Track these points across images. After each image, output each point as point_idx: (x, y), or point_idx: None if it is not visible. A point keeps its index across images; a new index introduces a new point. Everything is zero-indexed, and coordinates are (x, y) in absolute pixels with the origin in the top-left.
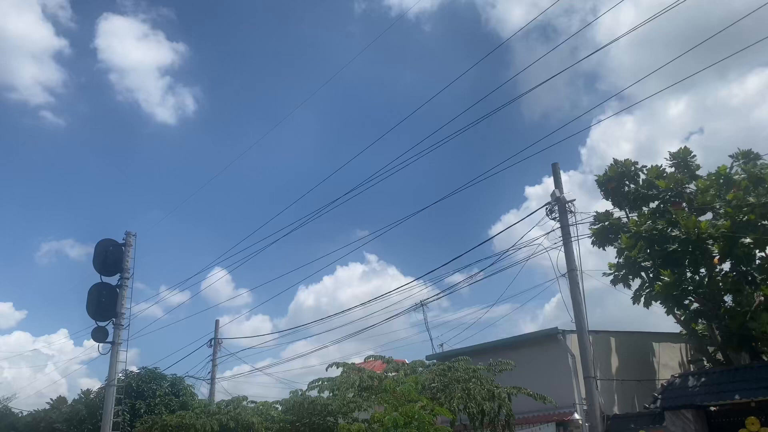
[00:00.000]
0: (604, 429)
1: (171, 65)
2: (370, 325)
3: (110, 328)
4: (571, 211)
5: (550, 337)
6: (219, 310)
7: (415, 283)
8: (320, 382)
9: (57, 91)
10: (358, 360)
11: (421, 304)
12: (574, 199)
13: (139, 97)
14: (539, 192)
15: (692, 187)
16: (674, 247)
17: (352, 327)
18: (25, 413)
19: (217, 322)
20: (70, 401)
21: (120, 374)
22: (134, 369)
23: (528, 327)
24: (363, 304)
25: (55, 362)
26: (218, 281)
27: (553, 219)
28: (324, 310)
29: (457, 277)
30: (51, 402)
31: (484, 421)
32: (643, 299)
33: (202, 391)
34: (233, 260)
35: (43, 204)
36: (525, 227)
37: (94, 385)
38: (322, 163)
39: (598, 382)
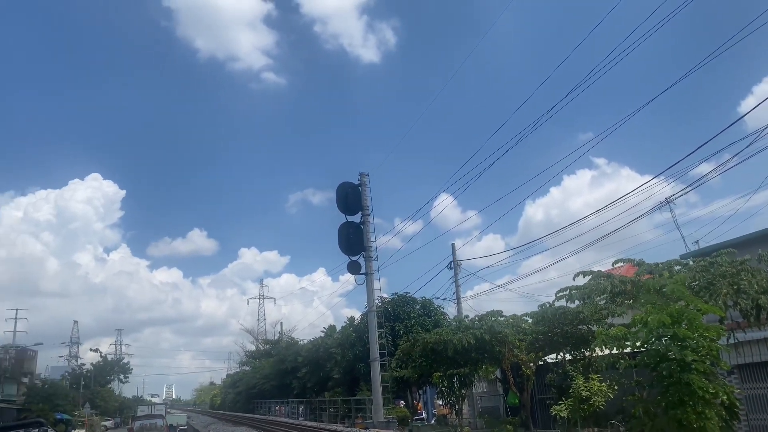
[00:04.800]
0: None
1: (367, 2)
2: (608, 232)
3: (361, 261)
4: None
5: None
6: (451, 234)
7: (655, 180)
8: (568, 291)
9: (273, 53)
10: (601, 268)
11: (667, 202)
12: None
13: (344, 41)
14: None
15: None
16: None
17: (588, 237)
18: (305, 341)
19: (453, 245)
20: (338, 329)
21: (377, 300)
22: (386, 296)
23: None
24: (598, 211)
25: (319, 296)
26: (447, 207)
27: None
28: (555, 223)
29: (705, 168)
30: (324, 330)
31: (761, 316)
32: None
33: (449, 310)
34: (458, 185)
35: (283, 159)
36: None
37: (355, 314)
38: (533, 70)
39: None
